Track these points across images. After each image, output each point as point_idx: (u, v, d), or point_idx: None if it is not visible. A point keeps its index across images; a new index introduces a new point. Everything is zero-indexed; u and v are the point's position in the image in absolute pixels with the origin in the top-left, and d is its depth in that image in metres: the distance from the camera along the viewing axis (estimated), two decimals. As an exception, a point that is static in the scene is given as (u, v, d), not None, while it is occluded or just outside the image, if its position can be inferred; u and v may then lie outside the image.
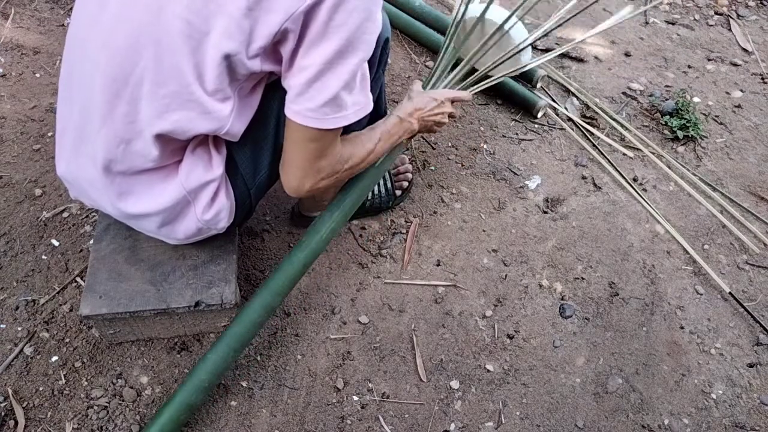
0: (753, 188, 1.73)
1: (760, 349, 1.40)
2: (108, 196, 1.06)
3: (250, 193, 1.15)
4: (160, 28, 0.87)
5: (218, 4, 0.84)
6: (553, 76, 1.97)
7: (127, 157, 1.00)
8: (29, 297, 1.34)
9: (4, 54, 1.85)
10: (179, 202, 1.07)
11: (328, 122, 0.95)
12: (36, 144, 1.62)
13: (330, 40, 0.87)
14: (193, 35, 0.86)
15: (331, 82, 0.91)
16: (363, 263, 1.47)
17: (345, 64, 0.90)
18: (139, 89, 0.92)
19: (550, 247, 1.55)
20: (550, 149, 1.78)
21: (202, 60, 0.89)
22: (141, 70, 0.90)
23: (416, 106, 1.24)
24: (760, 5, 2.39)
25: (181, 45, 0.87)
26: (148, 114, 0.94)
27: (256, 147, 1.11)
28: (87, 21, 0.96)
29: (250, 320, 1.16)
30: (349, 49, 0.89)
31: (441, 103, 1.27)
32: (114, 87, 0.93)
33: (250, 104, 1.02)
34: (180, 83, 0.91)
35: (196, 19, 0.85)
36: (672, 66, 2.09)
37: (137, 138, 0.97)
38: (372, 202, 1.51)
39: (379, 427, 1.23)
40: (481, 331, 1.38)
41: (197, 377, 1.12)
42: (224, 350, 1.14)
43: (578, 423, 1.26)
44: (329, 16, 0.85)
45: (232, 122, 0.98)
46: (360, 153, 1.13)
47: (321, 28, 0.86)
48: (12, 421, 1.17)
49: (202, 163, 1.05)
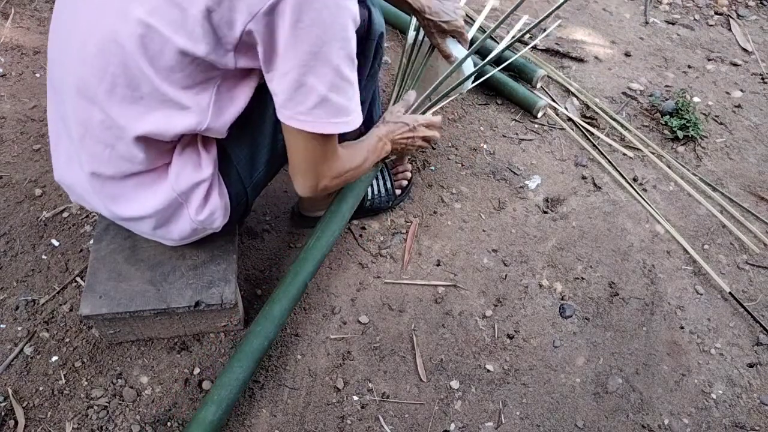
0: (753, 188, 1.73)
1: (760, 349, 1.40)
2: (102, 200, 1.07)
3: (247, 191, 1.15)
4: (124, 34, 0.87)
5: (181, 7, 0.84)
6: (553, 76, 1.97)
7: (113, 162, 1.00)
8: (29, 297, 1.34)
9: (4, 54, 1.85)
10: (171, 204, 1.07)
11: (325, 126, 0.94)
12: (36, 144, 1.62)
13: (302, 42, 0.86)
14: (156, 39, 0.86)
15: (315, 84, 0.90)
16: (363, 263, 1.47)
17: (325, 63, 0.89)
18: (112, 95, 0.92)
19: (550, 247, 1.55)
20: (550, 149, 1.78)
21: (168, 62, 0.88)
22: (111, 76, 0.90)
23: (389, 129, 1.28)
24: (760, 5, 2.39)
25: (146, 49, 0.87)
26: (125, 118, 0.94)
27: (253, 144, 1.11)
28: (64, 28, 0.97)
29: (252, 350, 1.18)
30: (324, 49, 0.87)
31: (413, 128, 1.31)
32: (88, 94, 0.93)
33: (234, 100, 1.01)
34: (151, 85, 0.91)
35: (159, 22, 0.85)
36: (672, 66, 2.09)
37: (119, 142, 0.97)
38: (372, 202, 1.51)
39: (379, 427, 1.23)
40: (481, 331, 1.38)
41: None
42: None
43: (578, 423, 1.26)
44: (295, 17, 0.83)
45: (211, 116, 0.97)
46: (360, 155, 1.15)
47: (290, 31, 0.84)
48: (12, 421, 1.17)
49: (191, 164, 1.04)
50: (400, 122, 1.30)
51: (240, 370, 1.15)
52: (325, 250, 1.30)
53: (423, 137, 1.33)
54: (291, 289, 1.24)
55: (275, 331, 1.21)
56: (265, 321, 1.20)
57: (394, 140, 1.29)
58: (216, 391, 1.12)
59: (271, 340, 1.20)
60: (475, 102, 1.88)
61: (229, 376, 1.14)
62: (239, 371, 1.15)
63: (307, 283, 1.27)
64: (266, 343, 1.19)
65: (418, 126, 1.32)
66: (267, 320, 1.20)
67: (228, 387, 1.13)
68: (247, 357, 1.16)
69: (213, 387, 1.14)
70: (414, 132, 1.31)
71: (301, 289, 1.26)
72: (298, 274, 1.26)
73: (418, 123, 1.32)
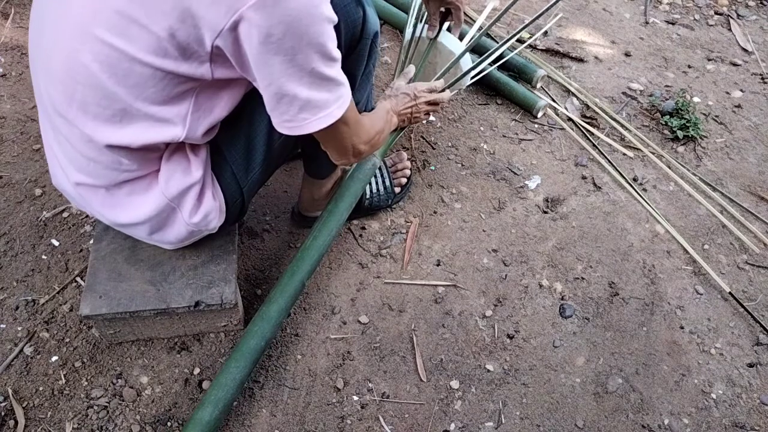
0: (753, 188, 1.73)
1: (760, 349, 1.40)
2: (95, 208, 1.07)
3: (243, 191, 1.15)
4: (86, 54, 0.85)
5: (140, 24, 0.82)
6: (553, 76, 1.97)
7: (101, 172, 0.99)
8: (29, 297, 1.34)
9: (4, 54, 1.85)
10: (163, 210, 1.06)
11: (315, 124, 0.94)
12: (36, 144, 1.62)
13: (276, 54, 0.83)
14: (122, 58, 0.84)
15: (295, 91, 0.88)
16: (363, 263, 1.47)
17: (301, 70, 0.86)
18: (85, 113, 0.91)
19: (550, 247, 1.55)
20: (550, 149, 1.78)
21: (138, 80, 0.86)
22: (80, 95, 0.89)
23: (391, 103, 1.32)
24: (760, 5, 2.39)
25: (112, 69, 0.85)
26: (102, 133, 0.93)
27: (249, 144, 1.11)
28: (34, 45, 0.96)
29: (250, 350, 1.18)
30: (299, 57, 0.84)
31: (414, 97, 1.35)
32: (62, 111, 0.93)
33: (212, 109, 0.98)
34: (124, 102, 0.89)
35: (120, 41, 0.83)
36: (672, 66, 2.09)
37: (101, 154, 0.96)
38: (371, 200, 1.50)
39: (379, 427, 1.23)
40: (481, 331, 1.38)
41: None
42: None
43: (578, 423, 1.26)
44: (264, 32, 0.80)
45: (189, 126, 0.95)
46: (380, 121, 1.20)
47: (260, 47, 0.82)
48: (12, 421, 1.17)
49: (180, 169, 1.04)
50: (401, 93, 1.34)
51: (237, 370, 1.15)
52: (322, 249, 1.30)
53: (427, 103, 1.36)
54: (288, 288, 1.24)
55: (272, 331, 1.21)
56: (262, 321, 1.20)
57: (399, 112, 1.32)
58: (213, 391, 1.12)
59: (268, 339, 1.20)
60: (475, 102, 1.88)
61: (226, 377, 1.14)
62: (236, 371, 1.15)
63: (304, 282, 1.27)
64: (263, 343, 1.19)
65: (419, 93, 1.35)
66: (263, 320, 1.20)
67: (225, 387, 1.13)
68: (244, 357, 1.16)
69: (210, 387, 1.14)
70: (416, 100, 1.34)
71: (299, 289, 1.26)
72: (294, 273, 1.26)
73: (418, 90, 1.35)
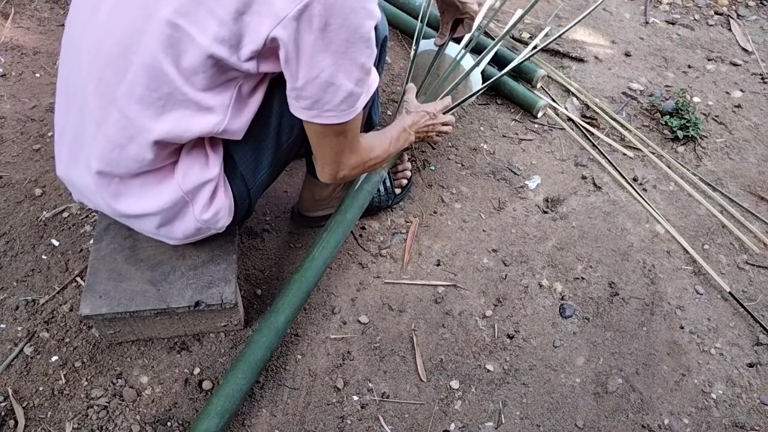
0: (753, 188, 1.73)
1: (760, 349, 1.40)
2: (105, 198, 1.07)
3: (250, 192, 1.15)
4: (148, 34, 0.87)
5: (209, 7, 0.84)
6: (553, 76, 1.97)
7: (122, 162, 1.00)
8: (29, 297, 1.34)
9: (4, 54, 1.85)
10: (177, 203, 1.07)
11: (347, 114, 0.97)
12: (36, 144, 1.62)
13: (332, 44, 0.87)
14: (182, 39, 0.87)
15: (343, 82, 0.92)
16: (363, 263, 1.47)
17: (353, 62, 0.91)
18: (131, 94, 0.92)
19: (550, 247, 1.55)
20: (550, 149, 1.78)
21: (190, 64, 0.89)
22: (132, 76, 0.91)
23: (413, 120, 1.34)
24: (760, 5, 2.39)
25: (171, 50, 0.88)
26: (143, 118, 0.94)
27: (257, 146, 1.11)
28: (80, 25, 0.96)
29: (255, 359, 1.18)
30: (352, 50, 0.89)
31: (433, 116, 1.38)
32: (107, 93, 0.93)
33: (251, 103, 1.03)
34: (171, 86, 0.91)
35: (185, 22, 0.85)
36: (672, 66, 2.09)
37: (131, 143, 0.97)
38: (371, 201, 1.50)
39: (379, 427, 1.23)
40: (481, 331, 1.38)
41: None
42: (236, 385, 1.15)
43: (578, 423, 1.26)
44: (324, 21, 0.85)
45: (230, 117, 0.98)
46: (382, 146, 1.20)
47: (318, 34, 0.86)
48: (12, 421, 1.17)
49: (198, 164, 1.05)
50: (422, 111, 1.36)
51: (244, 381, 1.15)
52: (328, 260, 1.31)
53: (443, 123, 1.41)
54: (295, 300, 1.24)
55: (278, 342, 1.22)
56: (270, 332, 1.20)
57: (418, 129, 1.35)
58: (219, 402, 1.12)
59: (273, 350, 1.21)
60: (475, 102, 1.88)
61: (233, 387, 1.13)
62: (243, 382, 1.14)
63: (310, 292, 1.28)
64: (269, 353, 1.20)
65: (438, 113, 1.39)
66: (271, 331, 1.20)
67: (231, 399, 1.13)
68: (252, 369, 1.16)
69: (216, 397, 1.13)
70: (435, 119, 1.38)
71: (305, 299, 1.27)
72: (302, 284, 1.25)
73: (437, 110, 1.39)
